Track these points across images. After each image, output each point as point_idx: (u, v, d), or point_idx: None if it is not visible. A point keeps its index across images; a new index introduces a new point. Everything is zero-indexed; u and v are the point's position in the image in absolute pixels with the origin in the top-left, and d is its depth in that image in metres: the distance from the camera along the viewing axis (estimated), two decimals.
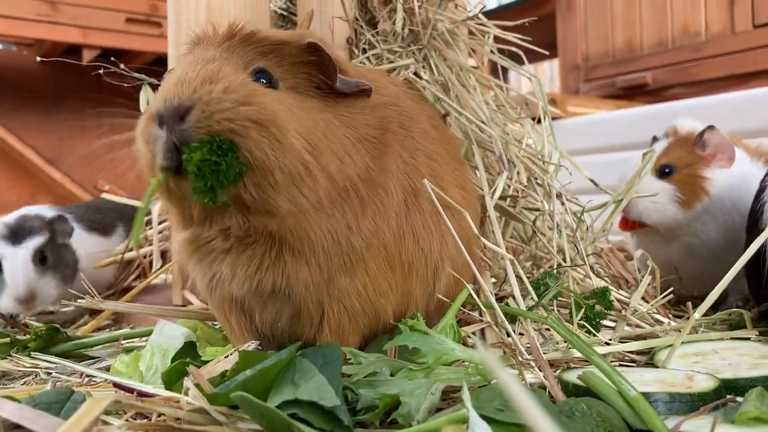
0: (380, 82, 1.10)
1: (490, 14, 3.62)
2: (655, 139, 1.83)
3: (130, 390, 0.94)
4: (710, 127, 1.67)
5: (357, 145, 0.94)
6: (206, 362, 1.03)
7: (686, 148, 1.69)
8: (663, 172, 1.66)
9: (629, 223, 1.72)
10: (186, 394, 0.84)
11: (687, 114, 1.89)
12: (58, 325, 1.38)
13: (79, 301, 1.37)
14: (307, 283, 0.94)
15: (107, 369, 1.18)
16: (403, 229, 1.02)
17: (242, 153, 0.82)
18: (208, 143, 0.81)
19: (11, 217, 1.78)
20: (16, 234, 1.70)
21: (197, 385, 0.82)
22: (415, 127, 1.11)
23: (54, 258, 1.73)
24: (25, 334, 1.46)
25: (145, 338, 1.35)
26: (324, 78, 0.95)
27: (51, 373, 1.21)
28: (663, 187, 1.64)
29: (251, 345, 1.01)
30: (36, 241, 1.70)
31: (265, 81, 0.90)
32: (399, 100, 1.12)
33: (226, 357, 0.95)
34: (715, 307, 1.58)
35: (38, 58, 1.86)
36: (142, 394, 0.91)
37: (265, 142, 0.83)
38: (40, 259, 1.70)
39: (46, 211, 1.87)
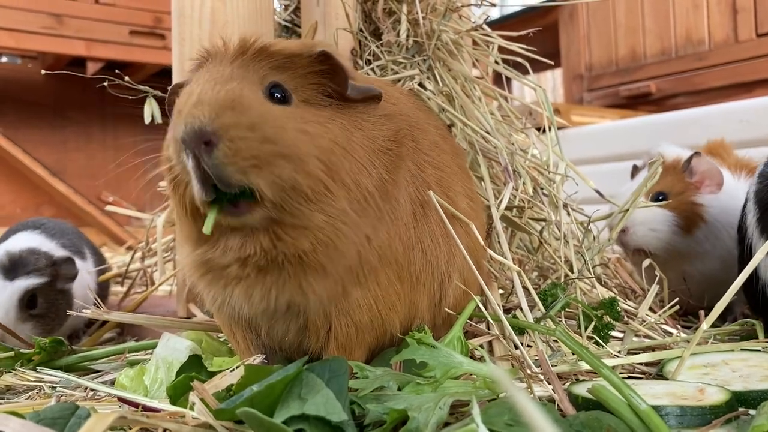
0: (389, 93, 1.10)
1: (493, 24, 3.63)
2: (635, 168, 1.83)
3: (135, 405, 0.93)
4: (696, 154, 1.68)
5: (373, 157, 0.94)
6: (212, 374, 1.03)
7: (675, 175, 1.69)
8: (657, 199, 1.65)
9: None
10: (192, 409, 0.84)
11: (693, 125, 1.90)
12: (62, 338, 1.37)
13: (84, 311, 1.36)
14: (322, 299, 0.94)
15: (112, 382, 1.18)
16: (412, 240, 1.01)
17: (265, 181, 0.84)
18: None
19: (17, 246, 1.64)
20: (14, 267, 1.57)
21: (203, 400, 0.81)
22: (424, 138, 1.10)
23: (46, 305, 1.58)
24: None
25: (149, 351, 1.34)
26: (335, 86, 0.95)
27: (55, 387, 1.20)
28: (662, 213, 1.64)
29: (257, 359, 1.01)
30: (30, 282, 1.56)
31: (279, 95, 0.90)
32: (409, 110, 1.12)
33: (231, 370, 0.94)
34: (722, 318, 1.58)
35: (42, 71, 1.86)
36: (147, 409, 0.90)
37: (287, 172, 0.85)
38: (29, 302, 1.56)
39: (56, 249, 1.72)
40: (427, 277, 1.05)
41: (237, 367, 0.95)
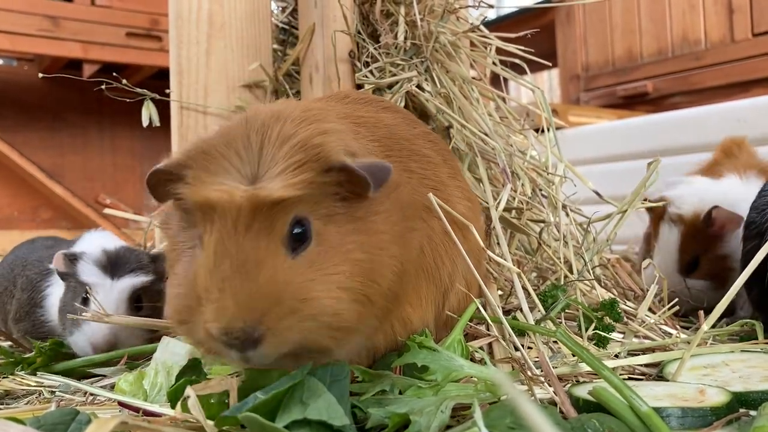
0: (375, 118, 1.09)
1: (490, 25, 3.63)
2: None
3: (136, 409, 0.93)
4: (715, 207, 1.68)
5: (390, 258, 0.90)
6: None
7: (698, 234, 1.71)
8: (691, 267, 1.72)
9: None
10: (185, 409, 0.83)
11: (691, 125, 1.91)
12: (62, 340, 1.36)
13: (84, 315, 1.35)
14: (350, 350, 0.94)
15: (111, 387, 1.17)
16: (416, 264, 1.01)
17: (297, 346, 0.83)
18: None
19: (111, 244, 1.52)
20: (117, 265, 1.44)
21: (203, 401, 0.81)
22: (416, 163, 1.09)
23: (149, 306, 1.46)
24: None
25: (149, 355, 1.34)
26: (354, 189, 0.87)
27: (54, 392, 1.19)
28: (700, 284, 1.70)
29: None
30: (137, 280, 1.44)
31: (300, 231, 0.83)
32: (395, 130, 1.10)
33: (231, 375, 0.94)
34: (726, 317, 1.59)
35: (39, 75, 1.85)
36: (148, 414, 0.90)
37: (324, 334, 0.83)
38: (135, 302, 1.44)
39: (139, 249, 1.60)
40: (432, 288, 1.06)
41: (236, 375, 0.94)
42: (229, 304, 0.78)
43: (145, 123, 1.71)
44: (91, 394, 1.14)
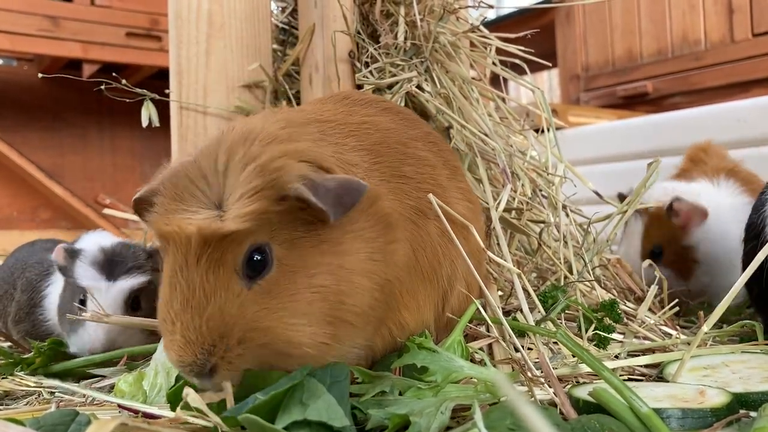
0: (371, 122, 1.08)
1: (489, 25, 3.63)
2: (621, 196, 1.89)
3: (135, 411, 0.93)
4: (676, 199, 1.74)
5: (364, 277, 0.88)
6: None
7: (663, 224, 1.78)
8: (654, 254, 1.78)
9: None
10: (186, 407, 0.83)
11: (691, 125, 1.94)
12: (61, 339, 1.36)
13: (83, 315, 1.35)
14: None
15: (111, 387, 1.17)
16: (409, 270, 1.01)
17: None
18: None
19: (107, 241, 1.48)
20: (113, 265, 1.41)
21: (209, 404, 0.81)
22: (409, 167, 1.07)
23: (147, 305, 1.42)
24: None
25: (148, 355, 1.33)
26: (316, 214, 0.84)
27: (54, 392, 1.19)
28: (664, 273, 1.72)
29: None
30: (134, 282, 1.41)
31: (259, 258, 0.82)
32: (391, 133, 1.09)
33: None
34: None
35: (39, 75, 1.85)
36: (147, 416, 0.90)
37: (283, 360, 0.85)
38: (132, 304, 1.41)
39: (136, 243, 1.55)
40: (430, 291, 1.05)
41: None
42: (178, 338, 0.81)
43: (144, 123, 1.71)
44: (91, 396, 1.14)
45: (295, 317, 0.82)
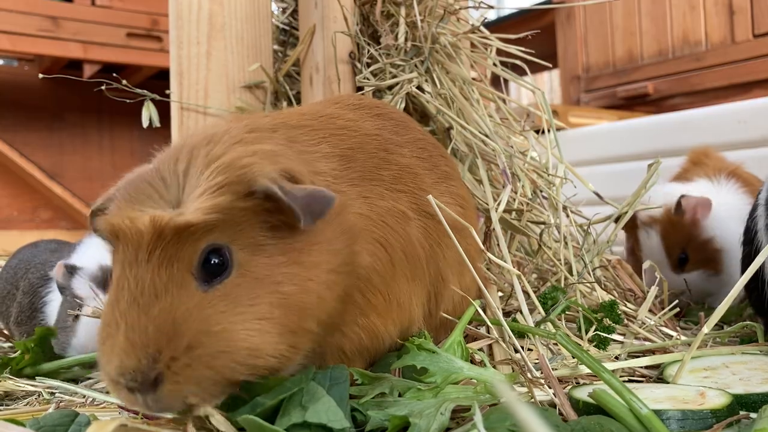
0: (353, 126, 1.06)
1: (490, 26, 3.63)
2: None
3: (135, 412, 0.93)
4: (682, 196, 1.75)
5: (326, 289, 0.84)
6: None
7: (677, 229, 1.77)
8: (681, 260, 1.78)
9: None
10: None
11: (691, 126, 1.95)
12: (51, 327, 1.36)
13: (83, 308, 1.36)
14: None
15: None
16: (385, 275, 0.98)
17: (210, 395, 0.76)
18: None
19: (106, 256, 1.46)
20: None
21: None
22: (389, 167, 1.05)
23: None
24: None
25: None
26: (285, 219, 0.81)
27: (54, 393, 1.19)
28: (697, 276, 1.77)
29: None
30: None
31: (216, 261, 0.77)
32: (371, 139, 1.07)
33: None
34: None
35: (40, 75, 1.85)
36: (147, 417, 0.90)
37: (239, 371, 0.76)
38: None
39: None
40: (413, 290, 1.03)
41: None
42: (120, 341, 0.72)
43: (145, 123, 1.71)
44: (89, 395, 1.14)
45: (258, 322, 0.76)
